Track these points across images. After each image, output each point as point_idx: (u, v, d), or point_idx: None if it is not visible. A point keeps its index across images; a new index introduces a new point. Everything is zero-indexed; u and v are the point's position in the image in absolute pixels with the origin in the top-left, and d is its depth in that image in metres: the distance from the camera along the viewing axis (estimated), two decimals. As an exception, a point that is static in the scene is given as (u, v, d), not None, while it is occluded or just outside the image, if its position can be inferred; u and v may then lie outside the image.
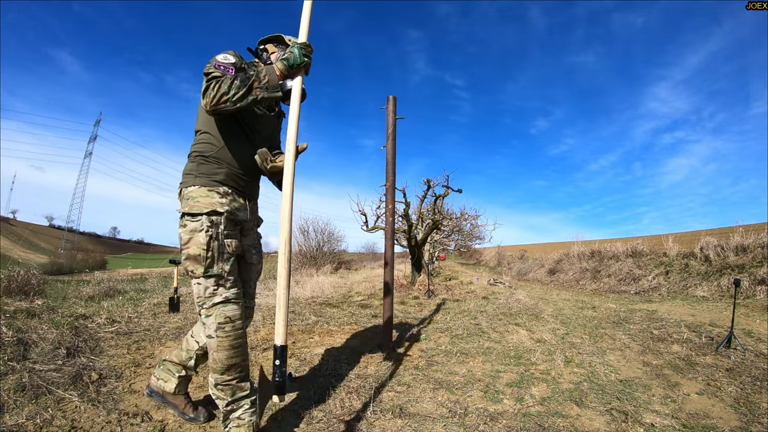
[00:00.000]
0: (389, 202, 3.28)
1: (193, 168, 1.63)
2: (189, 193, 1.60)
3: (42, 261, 30.87)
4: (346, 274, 11.37)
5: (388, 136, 3.25)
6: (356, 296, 6.15)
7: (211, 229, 1.56)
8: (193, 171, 1.63)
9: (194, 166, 1.64)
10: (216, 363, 1.55)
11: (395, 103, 3.29)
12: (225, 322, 1.55)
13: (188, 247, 1.55)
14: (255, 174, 1.77)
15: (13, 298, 3.19)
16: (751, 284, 6.30)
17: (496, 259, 24.18)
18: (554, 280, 12.30)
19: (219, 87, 1.46)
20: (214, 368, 1.56)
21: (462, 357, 3.02)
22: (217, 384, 1.57)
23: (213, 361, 1.55)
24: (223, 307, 1.56)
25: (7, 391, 1.79)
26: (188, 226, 1.56)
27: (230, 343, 1.56)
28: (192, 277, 1.56)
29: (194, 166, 1.64)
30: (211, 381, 1.59)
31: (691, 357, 3.15)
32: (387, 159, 3.27)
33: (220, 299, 1.56)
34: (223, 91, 1.46)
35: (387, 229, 3.28)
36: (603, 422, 2.01)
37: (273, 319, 3.70)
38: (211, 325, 1.54)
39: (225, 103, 1.47)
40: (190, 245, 1.55)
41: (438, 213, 8.03)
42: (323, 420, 1.91)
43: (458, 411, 2.06)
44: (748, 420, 2.08)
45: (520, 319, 4.35)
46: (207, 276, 1.55)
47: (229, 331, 1.55)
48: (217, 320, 1.54)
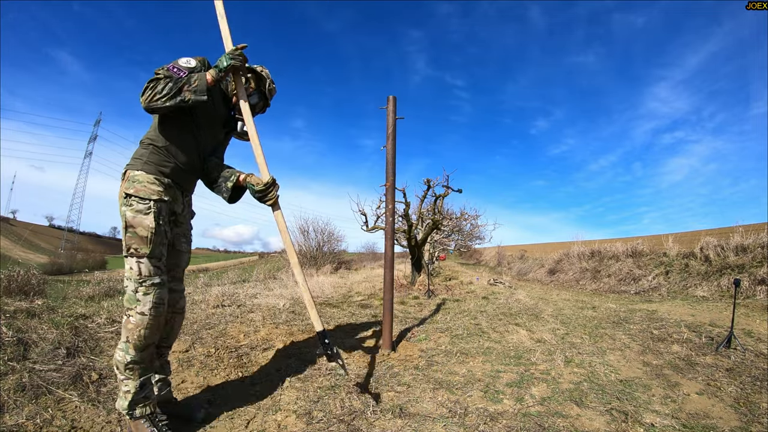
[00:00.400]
0: (389, 202, 3.28)
1: (145, 154, 1.73)
2: (136, 176, 1.69)
3: (42, 261, 30.88)
4: (346, 274, 11.37)
5: (388, 136, 3.25)
6: (356, 296, 6.15)
7: (158, 215, 1.69)
8: (143, 157, 1.73)
9: (146, 153, 1.73)
10: (140, 339, 1.63)
11: (395, 103, 3.28)
12: (159, 303, 1.67)
13: (135, 228, 1.65)
14: (195, 172, 1.92)
15: (13, 298, 3.19)
16: (751, 284, 6.30)
17: (496, 259, 24.17)
18: (554, 280, 12.30)
19: (155, 88, 1.60)
20: (135, 345, 1.62)
21: (462, 357, 3.02)
22: (130, 362, 1.62)
23: (138, 337, 1.62)
24: (159, 288, 1.67)
25: (7, 391, 1.79)
26: (134, 207, 1.65)
27: (158, 323, 1.67)
28: (134, 255, 1.64)
29: (146, 153, 1.73)
30: (124, 359, 1.62)
31: (691, 357, 3.15)
32: (387, 159, 3.26)
33: (158, 281, 1.67)
34: (156, 90, 1.59)
35: (387, 229, 3.28)
36: (603, 422, 2.01)
37: (273, 320, 3.70)
38: (147, 303, 1.63)
39: (156, 102, 1.60)
40: (137, 226, 1.65)
41: (438, 213, 8.03)
42: (323, 420, 1.91)
43: (458, 411, 2.06)
44: (748, 420, 2.08)
45: (520, 319, 4.35)
46: (150, 257, 1.66)
47: (161, 312, 1.68)
48: (153, 300, 1.64)
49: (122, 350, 1.63)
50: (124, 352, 1.62)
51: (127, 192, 1.67)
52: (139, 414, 1.64)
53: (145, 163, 1.71)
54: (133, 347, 1.62)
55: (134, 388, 1.63)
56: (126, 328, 1.63)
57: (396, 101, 3.28)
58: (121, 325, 1.68)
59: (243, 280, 7.86)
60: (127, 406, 1.62)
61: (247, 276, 8.93)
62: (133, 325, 1.62)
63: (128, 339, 1.62)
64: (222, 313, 3.76)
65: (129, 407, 1.62)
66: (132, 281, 1.63)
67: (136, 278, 1.63)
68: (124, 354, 1.62)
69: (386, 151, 3.27)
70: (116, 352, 1.65)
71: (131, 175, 1.70)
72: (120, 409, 1.64)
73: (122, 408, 1.63)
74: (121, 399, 1.63)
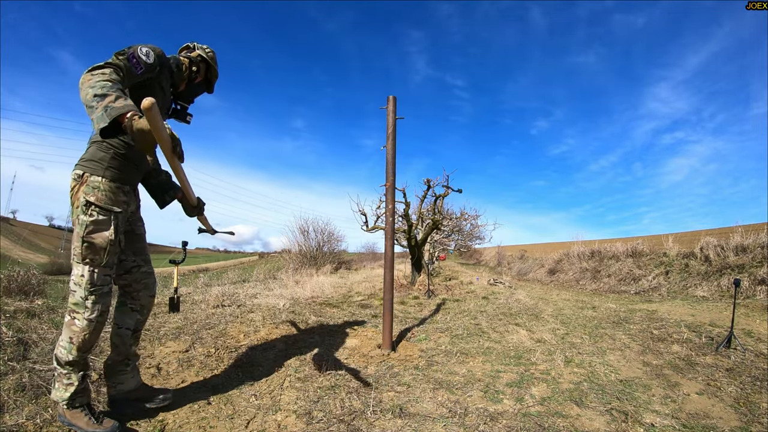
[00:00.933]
0: (389, 202, 3.28)
1: (105, 159, 1.68)
2: (96, 182, 1.65)
3: (42, 261, 30.84)
4: (346, 274, 11.37)
5: (388, 136, 3.25)
6: (356, 296, 6.15)
7: (117, 227, 1.70)
8: (103, 161, 1.68)
9: (106, 158, 1.69)
10: (83, 343, 1.65)
11: (395, 103, 3.28)
12: (105, 311, 1.70)
13: (93, 237, 1.64)
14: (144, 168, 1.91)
15: (13, 298, 3.19)
16: (751, 284, 6.30)
17: (496, 259, 24.17)
18: (554, 280, 12.30)
19: (92, 77, 1.42)
20: (79, 346, 1.64)
21: (462, 357, 3.02)
22: (72, 361, 1.64)
23: (82, 340, 1.64)
24: (107, 297, 1.70)
25: (7, 391, 1.79)
26: (95, 218, 1.63)
27: (101, 328, 1.71)
28: (89, 264, 1.64)
29: (107, 157, 1.69)
30: (66, 357, 1.64)
31: (691, 357, 3.15)
32: (387, 159, 3.26)
33: (107, 290, 1.70)
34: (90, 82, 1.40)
35: (387, 229, 3.28)
36: (603, 422, 2.01)
37: (273, 320, 3.70)
38: (95, 312, 1.65)
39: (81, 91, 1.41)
40: (95, 236, 1.64)
41: (438, 213, 8.03)
42: (323, 420, 1.91)
43: (458, 411, 2.06)
44: (748, 420, 2.08)
45: (520, 319, 4.35)
46: (104, 266, 1.67)
47: (105, 318, 1.71)
48: (101, 308, 1.67)
49: (65, 348, 1.64)
50: (67, 351, 1.64)
51: (88, 199, 1.63)
52: (78, 404, 1.66)
53: (106, 168, 1.67)
54: (76, 348, 1.63)
55: (77, 381, 1.66)
56: (70, 328, 1.64)
57: (396, 101, 3.28)
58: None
59: (243, 280, 7.86)
60: (69, 397, 1.64)
61: (247, 276, 8.93)
62: (79, 329, 1.63)
63: (72, 341, 1.63)
64: (222, 313, 3.76)
65: (70, 398, 1.64)
66: (82, 288, 1.63)
67: (87, 286, 1.63)
68: (66, 353, 1.64)
69: (386, 151, 3.27)
70: (57, 347, 1.66)
71: (91, 181, 1.64)
72: (58, 399, 1.65)
73: (61, 398, 1.64)
74: (60, 390, 1.65)
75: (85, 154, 1.70)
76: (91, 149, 1.70)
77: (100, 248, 1.64)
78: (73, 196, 1.66)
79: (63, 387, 1.65)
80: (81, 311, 1.63)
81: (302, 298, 5.40)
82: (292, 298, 5.18)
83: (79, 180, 1.66)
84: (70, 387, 1.65)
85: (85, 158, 1.69)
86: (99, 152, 1.69)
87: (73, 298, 1.64)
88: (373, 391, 2.26)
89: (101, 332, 1.74)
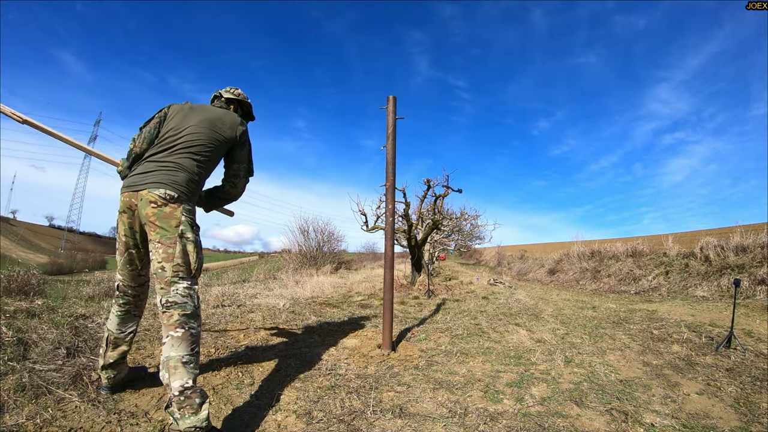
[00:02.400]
0: (389, 202, 3.28)
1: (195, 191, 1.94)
2: (192, 211, 1.89)
3: (42, 261, 30.85)
4: (346, 274, 11.37)
5: (388, 136, 3.25)
6: (356, 296, 6.15)
7: None
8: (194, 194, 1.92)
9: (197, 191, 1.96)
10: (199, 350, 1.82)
11: (395, 103, 3.28)
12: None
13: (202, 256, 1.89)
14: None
15: (13, 298, 3.19)
16: (751, 284, 6.30)
17: (496, 259, 24.17)
18: (554, 280, 12.30)
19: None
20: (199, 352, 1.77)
21: (462, 357, 3.02)
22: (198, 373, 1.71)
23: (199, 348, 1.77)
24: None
25: (7, 391, 1.79)
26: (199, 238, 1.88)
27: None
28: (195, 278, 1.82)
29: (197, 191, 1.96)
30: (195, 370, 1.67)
31: (691, 357, 3.15)
32: (387, 159, 3.26)
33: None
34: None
35: (387, 229, 3.28)
36: (603, 422, 2.01)
37: (273, 320, 3.70)
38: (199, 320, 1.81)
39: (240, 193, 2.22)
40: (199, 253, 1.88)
41: (438, 213, 8.03)
42: (323, 420, 1.91)
43: (458, 411, 2.06)
44: (748, 420, 2.08)
45: (520, 319, 4.35)
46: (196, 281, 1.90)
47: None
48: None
49: (191, 360, 1.62)
50: (195, 361, 1.64)
51: (194, 221, 1.85)
52: (210, 426, 1.57)
53: (194, 203, 1.93)
54: (198, 354, 1.69)
55: (205, 396, 1.59)
56: (188, 339, 1.65)
57: (396, 101, 3.28)
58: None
59: (243, 280, 7.86)
60: (206, 416, 1.54)
61: (247, 276, 8.93)
62: (197, 336, 1.71)
63: (194, 350, 1.66)
64: (222, 313, 3.76)
65: (208, 418, 1.55)
66: (194, 299, 1.76)
67: (197, 297, 1.77)
68: (194, 364, 1.63)
69: (386, 151, 3.27)
70: (186, 366, 1.59)
71: (189, 208, 1.84)
72: (196, 426, 1.51)
73: (200, 422, 1.51)
74: (192, 415, 1.51)
75: (176, 178, 1.82)
76: (185, 177, 1.86)
77: (202, 265, 1.84)
78: (166, 213, 1.75)
79: (194, 410, 1.52)
80: (195, 321, 1.72)
81: (302, 298, 5.40)
82: (292, 298, 5.18)
83: (172, 201, 1.78)
84: (204, 405, 1.55)
85: (180, 184, 1.83)
86: (191, 184, 1.88)
87: (185, 310, 1.70)
88: (373, 391, 2.26)
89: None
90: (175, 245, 1.72)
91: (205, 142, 1.95)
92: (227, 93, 2.30)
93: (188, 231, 1.78)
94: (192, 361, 1.63)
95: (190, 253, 1.76)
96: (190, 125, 1.94)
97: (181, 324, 1.65)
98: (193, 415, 1.52)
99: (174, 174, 1.82)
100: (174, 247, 1.72)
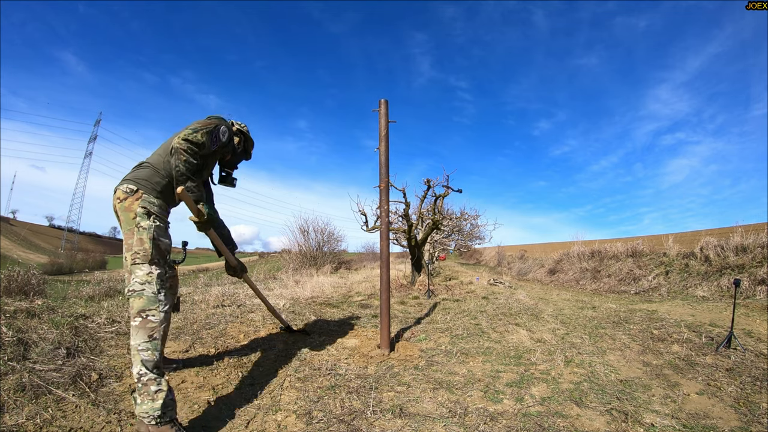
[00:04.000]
0: (383, 203, 3.28)
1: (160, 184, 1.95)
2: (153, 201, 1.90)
3: (42, 261, 30.85)
4: (346, 274, 11.36)
5: (381, 138, 3.25)
6: (356, 296, 6.15)
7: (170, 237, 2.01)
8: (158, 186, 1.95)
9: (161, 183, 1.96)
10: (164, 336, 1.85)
11: (387, 106, 3.29)
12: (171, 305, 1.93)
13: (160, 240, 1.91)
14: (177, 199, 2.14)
15: (13, 298, 3.19)
16: (751, 284, 6.30)
17: (496, 259, 24.16)
18: (554, 280, 12.30)
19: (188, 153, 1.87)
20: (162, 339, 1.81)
21: (462, 357, 3.02)
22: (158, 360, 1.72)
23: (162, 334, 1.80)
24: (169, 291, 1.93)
25: (7, 391, 1.79)
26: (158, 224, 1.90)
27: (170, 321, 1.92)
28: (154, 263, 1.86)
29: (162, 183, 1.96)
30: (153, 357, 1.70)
31: (691, 357, 3.15)
32: (380, 161, 3.26)
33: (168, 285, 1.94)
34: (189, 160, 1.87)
35: (382, 230, 3.27)
36: (603, 422, 2.01)
37: (273, 320, 3.70)
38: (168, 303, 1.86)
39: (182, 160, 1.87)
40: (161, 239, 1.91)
41: (438, 213, 8.02)
42: (323, 420, 1.91)
43: (458, 411, 2.06)
44: (748, 420, 2.08)
45: (520, 319, 4.35)
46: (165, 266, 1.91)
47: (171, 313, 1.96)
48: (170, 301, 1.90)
49: (149, 349, 1.67)
50: (151, 350, 1.67)
51: (150, 210, 1.86)
52: (169, 417, 1.60)
53: (160, 192, 1.93)
54: (160, 342, 1.72)
55: (166, 386, 1.65)
56: (146, 327, 1.69)
57: (388, 104, 3.29)
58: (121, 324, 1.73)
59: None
60: (161, 407, 1.58)
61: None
62: (157, 323, 1.73)
63: (153, 336, 1.69)
64: (222, 313, 3.76)
65: (162, 408, 1.59)
66: (153, 284, 1.78)
67: (158, 281, 1.80)
68: (151, 352, 1.66)
69: (379, 153, 3.26)
70: (140, 353, 1.65)
71: (146, 198, 1.87)
72: (148, 413, 1.57)
73: (153, 410, 1.57)
74: (147, 402, 1.59)
75: (139, 173, 1.92)
76: (148, 172, 1.94)
77: (164, 250, 1.87)
78: (125, 206, 1.84)
79: (150, 397, 1.59)
80: (155, 306, 1.75)
81: (302, 298, 5.40)
82: (292, 298, 5.18)
83: (132, 193, 1.86)
84: (160, 394, 1.60)
85: (141, 177, 1.91)
86: (155, 177, 1.93)
87: (142, 298, 1.74)
88: (373, 391, 2.26)
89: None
90: (133, 235, 1.81)
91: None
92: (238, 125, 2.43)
93: (143, 220, 1.83)
94: (148, 349, 1.67)
95: (144, 240, 1.81)
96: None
97: (139, 313, 1.72)
98: (149, 402, 1.60)
99: (139, 170, 1.95)
100: (132, 237, 1.81)
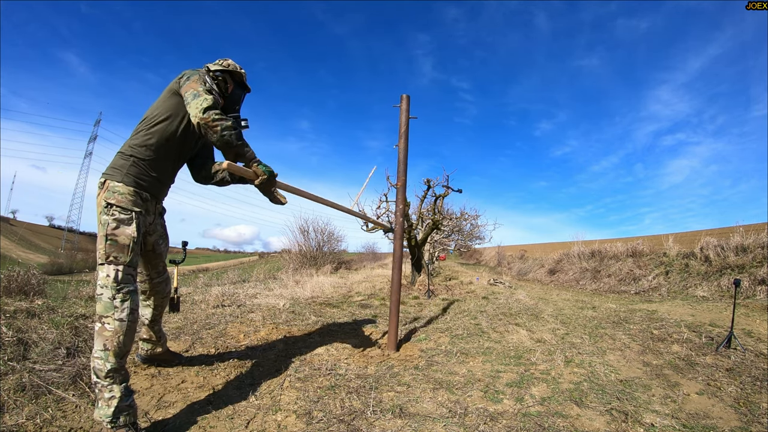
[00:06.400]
0: (400, 202, 3.22)
1: (125, 166, 1.79)
2: (116, 187, 1.75)
3: (42, 261, 30.84)
4: (346, 274, 11.36)
5: (401, 135, 3.17)
6: (356, 296, 6.15)
7: (138, 226, 1.77)
8: (123, 168, 1.79)
9: (126, 165, 1.79)
10: (119, 346, 1.64)
11: (408, 102, 3.20)
12: (135, 309, 1.72)
13: (116, 237, 1.70)
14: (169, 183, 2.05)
15: (13, 298, 3.19)
16: (751, 284, 6.30)
17: (496, 259, 24.16)
18: (554, 280, 12.30)
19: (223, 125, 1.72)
20: (115, 351, 1.62)
21: (462, 357, 3.02)
22: (111, 370, 1.61)
23: (117, 344, 1.63)
24: (134, 295, 1.73)
25: (7, 391, 1.79)
26: (117, 216, 1.72)
27: (134, 328, 1.71)
28: (113, 263, 1.69)
29: (126, 164, 1.79)
30: (104, 367, 1.61)
31: (691, 357, 3.15)
32: (399, 158, 3.19)
33: (132, 288, 1.73)
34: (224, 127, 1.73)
35: (397, 229, 3.21)
36: (603, 422, 2.01)
37: (273, 320, 3.70)
38: (125, 310, 1.67)
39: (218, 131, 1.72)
40: (118, 232, 1.71)
41: (438, 213, 8.02)
42: (323, 420, 1.91)
43: (458, 411, 2.06)
44: (748, 420, 2.08)
45: (520, 319, 4.35)
46: (128, 265, 1.72)
47: (136, 317, 1.72)
48: (130, 306, 1.69)
49: (101, 358, 1.61)
50: (104, 360, 1.60)
51: (108, 201, 1.71)
52: (123, 422, 1.59)
53: (125, 174, 1.77)
54: (113, 354, 1.62)
55: (119, 393, 1.61)
56: (102, 335, 1.62)
57: (409, 100, 3.20)
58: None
59: (243, 280, 7.86)
60: (112, 413, 1.57)
61: (247, 276, 8.92)
62: (111, 332, 1.62)
63: (106, 347, 1.61)
64: (222, 313, 3.76)
65: (113, 414, 1.57)
66: (109, 288, 1.65)
67: (113, 285, 1.66)
68: (103, 362, 1.60)
69: (398, 150, 3.21)
70: (93, 360, 1.62)
71: (111, 186, 1.75)
72: (101, 418, 1.58)
73: (105, 416, 1.57)
74: (103, 407, 1.59)
75: (111, 163, 1.82)
76: (115, 158, 1.83)
77: (123, 245, 1.71)
78: (97, 203, 1.75)
79: (105, 403, 1.59)
80: (110, 313, 1.63)
81: (302, 298, 5.40)
82: (292, 298, 5.18)
83: (101, 187, 1.77)
84: (113, 401, 1.58)
85: (109, 167, 1.81)
86: (120, 160, 1.80)
87: (102, 303, 1.65)
88: (373, 391, 2.26)
89: (135, 334, 1.74)
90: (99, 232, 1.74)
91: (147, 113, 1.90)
92: (217, 65, 2.08)
93: (102, 215, 1.72)
94: (101, 358, 1.61)
95: (99, 239, 1.71)
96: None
97: (98, 318, 1.65)
98: (105, 408, 1.59)
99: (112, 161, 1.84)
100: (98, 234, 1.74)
